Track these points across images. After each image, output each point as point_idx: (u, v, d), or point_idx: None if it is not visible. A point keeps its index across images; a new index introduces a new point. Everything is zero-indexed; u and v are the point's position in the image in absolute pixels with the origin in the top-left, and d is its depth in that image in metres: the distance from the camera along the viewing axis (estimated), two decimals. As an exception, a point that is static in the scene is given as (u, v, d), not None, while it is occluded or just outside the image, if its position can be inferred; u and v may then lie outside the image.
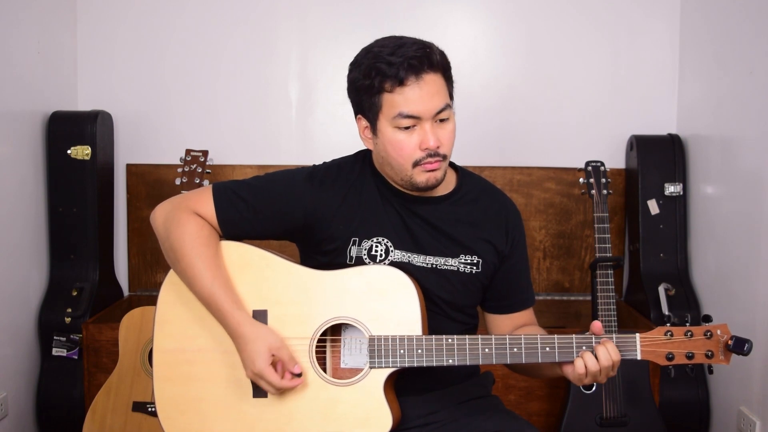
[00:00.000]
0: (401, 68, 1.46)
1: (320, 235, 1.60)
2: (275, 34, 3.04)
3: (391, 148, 1.52)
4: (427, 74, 1.48)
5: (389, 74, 1.47)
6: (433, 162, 1.51)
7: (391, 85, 1.48)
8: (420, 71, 1.47)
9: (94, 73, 3.03)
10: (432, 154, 1.50)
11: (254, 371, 1.49)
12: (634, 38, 3.02)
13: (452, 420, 1.60)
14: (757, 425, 2.34)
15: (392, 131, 1.51)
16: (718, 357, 1.45)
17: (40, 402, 2.72)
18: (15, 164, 2.65)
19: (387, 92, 1.49)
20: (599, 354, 1.44)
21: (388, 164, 1.56)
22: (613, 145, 3.01)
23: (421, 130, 1.50)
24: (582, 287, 3.02)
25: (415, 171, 1.52)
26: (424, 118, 1.49)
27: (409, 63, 1.46)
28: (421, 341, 1.49)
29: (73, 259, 2.83)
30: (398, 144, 1.51)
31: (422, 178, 1.53)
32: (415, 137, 1.50)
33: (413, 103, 1.48)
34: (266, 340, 1.50)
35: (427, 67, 1.48)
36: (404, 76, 1.47)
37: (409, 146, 1.51)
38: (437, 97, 1.49)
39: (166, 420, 1.57)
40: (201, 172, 2.58)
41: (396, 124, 1.50)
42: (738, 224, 2.51)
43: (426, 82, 1.48)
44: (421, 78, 1.47)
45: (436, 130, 1.51)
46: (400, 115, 1.49)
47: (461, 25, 3.04)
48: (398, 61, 1.46)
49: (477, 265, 1.61)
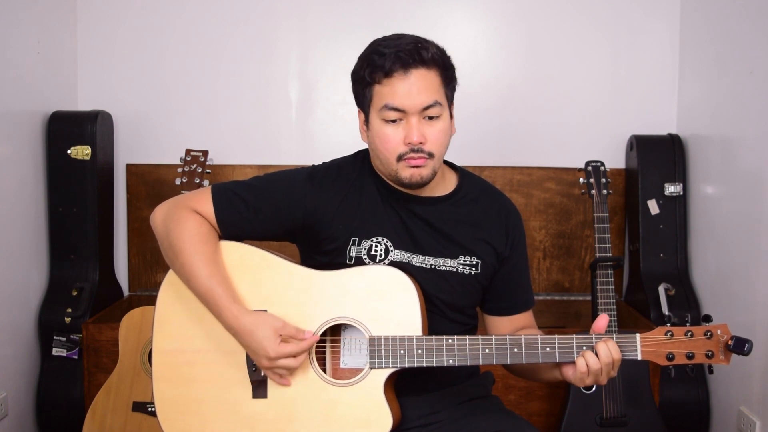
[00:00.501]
0: (388, 60, 1.47)
1: (320, 235, 1.60)
2: (275, 34, 3.04)
3: (378, 140, 1.53)
4: (417, 69, 1.48)
5: (378, 64, 1.48)
6: (416, 158, 1.51)
7: (379, 76, 1.49)
8: (408, 65, 1.47)
9: (94, 73, 3.03)
10: (416, 149, 1.50)
11: (269, 357, 1.47)
12: (634, 38, 3.02)
13: (452, 420, 1.60)
14: (757, 425, 2.34)
15: (380, 123, 1.52)
16: (718, 357, 1.45)
17: (40, 402, 2.72)
18: (15, 164, 2.65)
19: (377, 84, 1.50)
20: (600, 351, 1.43)
21: (377, 158, 1.57)
22: (613, 145, 3.01)
23: (407, 125, 1.50)
24: (582, 287, 3.02)
25: (400, 165, 1.52)
26: (409, 112, 1.49)
27: (397, 55, 1.47)
28: (421, 341, 1.49)
29: (73, 259, 2.83)
30: (384, 137, 1.51)
31: (406, 174, 1.53)
32: (400, 131, 1.51)
33: (399, 96, 1.48)
34: (268, 324, 1.49)
35: (417, 61, 1.48)
36: (390, 68, 1.47)
37: (394, 139, 1.51)
38: (425, 93, 1.49)
39: (165, 421, 1.56)
40: (201, 172, 2.58)
41: (383, 116, 1.51)
42: (738, 224, 2.51)
43: (414, 76, 1.48)
44: (410, 72, 1.48)
45: (422, 127, 1.50)
46: (386, 107, 1.49)
47: (461, 25, 3.03)
48: (388, 53, 1.47)
49: (476, 266, 1.61)
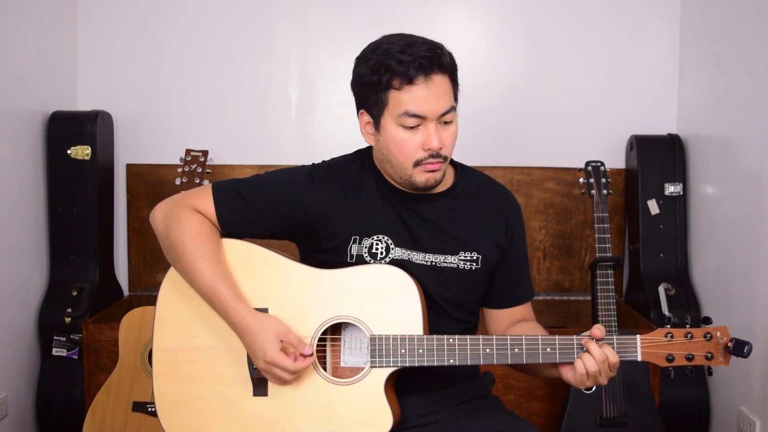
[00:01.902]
0: (411, 67, 1.46)
1: (320, 233, 1.60)
2: (275, 34, 3.04)
3: (393, 146, 1.52)
4: (436, 75, 1.48)
5: (399, 72, 1.47)
6: (434, 163, 1.52)
7: (400, 83, 1.48)
8: (429, 71, 1.47)
9: (94, 73, 3.04)
10: (434, 155, 1.51)
11: (267, 360, 1.48)
12: (634, 38, 3.02)
13: (452, 420, 1.60)
14: (757, 425, 2.34)
15: (396, 129, 1.51)
16: (717, 359, 1.45)
17: (40, 402, 2.72)
18: (15, 164, 2.65)
19: (395, 89, 1.49)
20: (592, 349, 1.43)
21: (388, 162, 1.56)
22: (613, 145, 3.01)
23: (425, 131, 1.50)
24: (582, 287, 3.02)
25: (416, 170, 1.53)
26: (429, 118, 1.49)
27: (419, 63, 1.46)
28: (422, 341, 1.49)
29: (73, 259, 2.83)
30: (401, 142, 1.51)
31: (422, 178, 1.54)
32: (419, 137, 1.51)
33: (420, 103, 1.48)
34: (273, 328, 1.49)
35: (437, 67, 1.48)
36: (414, 75, 1.47)
37: (412, 145, 1.51)
38: (444, 98, 1.49)
39: (165, 418, 1.56)
40: (201, 172, 2.58)
41: (401, 123, 1.50)
42: (738, 224, 2.51)
43: (434, 82, 1.48)
44: (430, 78, 1.47)
45: (439, 132, 1.51)
46: (406, 113, 1.49)
47: (461, 25, 3.04)
48: (408, 60, 1.46)
49: (476, 261, 1.61)
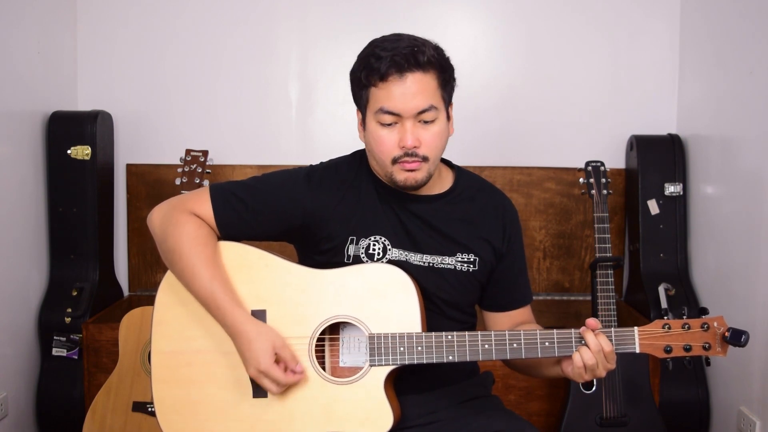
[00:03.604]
0: (384, 63, 1.47)
1: (318, 234, 1.59)
2: (275, 34, 3.04)
3: (374, 142, 1.53)
4: (412, 73, 1.47)
5: (374, 68, 1.48)
6: (410, 161, 1.51)
7: (375, 79, 1.48)
8: (403, 69, 1.47)
9: (94, 73, 3.04)
10: (410, 153, 1.50)
11: (259, 369, 1.48)
12: (634, 38, 3.01)
13: (452, 419, 1.60)
14: (757, 425, 2.34)
15: (375, 126, 1.52)
16: (715, 349, 1.46)
17: (40, 402, 2.72)
18: (15, 164, 2.65)
19: (373, 86, 1.50)
20: (588, 339, 1.43)
21: (373, 158, 1.58)
22: (613, 145, 3.01)
23: (402, 128, 1.50)
24: (582, 287, 3.02)
25: (395, 168, 1.53)
26: (404, 116, 1.49)
27: (393, 59, 1.46)
28: (420, 338, 1.49)
29: (73, 259, 2.83)
30: (379, 139, 1.52)
31: (401, 177, 1.53)
32: (395, 134, 1.51)
33: (394, 100, 1.48)
34: (270, 338, 1.50)
35: (413, 65, 1.47)
36: (386, 72, 1.47)
37: (389, 142, 1.51)
38: (420, 96, 1.48)
39: (165, 423, 1.56)
40: (201, 172, 2.58)
41: (378, 119, 1.51)
42: (738, 224, 2.51)
43: (410, 80, 1.47)
44: (405, 76, 1.47)
45: (417, 130, 1.50)
46: (381, 110, 1.49)
47: (461, 25, 3.03)
48: (385, 56, 1.47)
49: (474, 263, 1.61)
